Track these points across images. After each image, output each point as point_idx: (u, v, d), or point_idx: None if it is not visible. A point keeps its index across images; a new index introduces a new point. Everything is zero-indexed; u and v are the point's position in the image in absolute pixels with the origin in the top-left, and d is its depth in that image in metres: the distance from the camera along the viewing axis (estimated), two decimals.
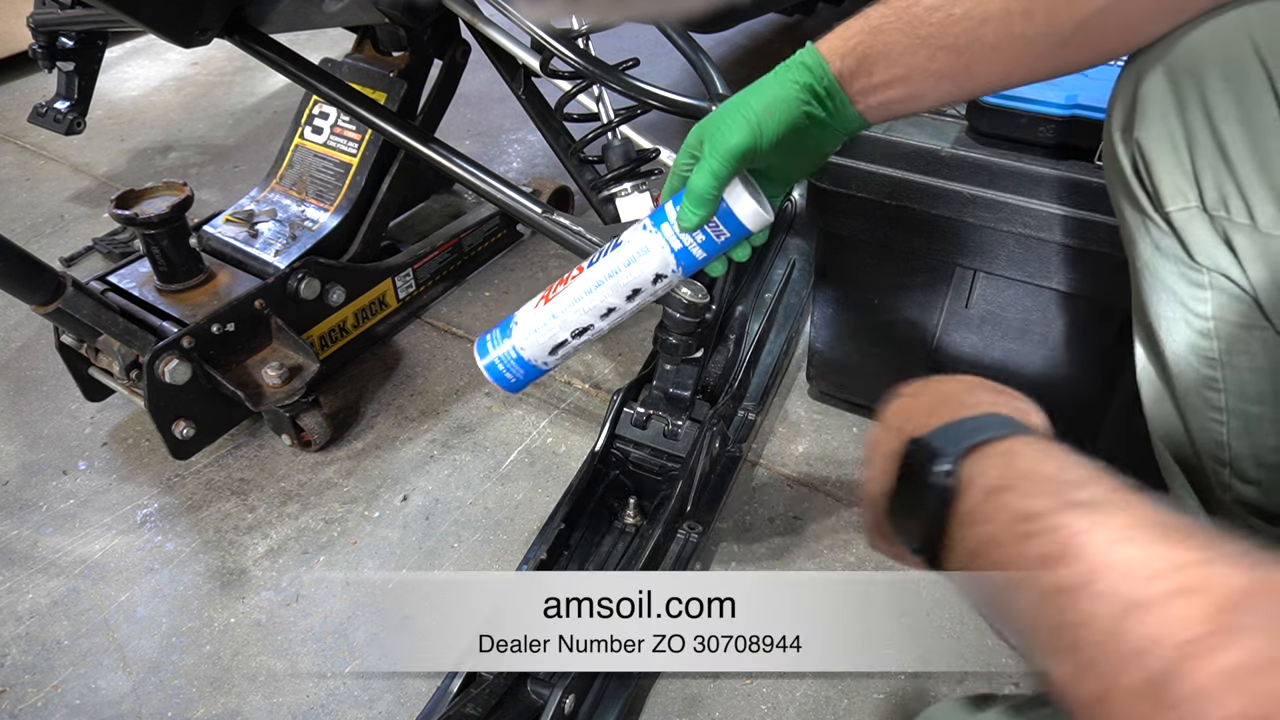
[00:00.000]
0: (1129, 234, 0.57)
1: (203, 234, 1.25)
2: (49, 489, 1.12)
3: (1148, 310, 0.59)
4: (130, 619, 0.95)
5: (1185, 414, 0.59)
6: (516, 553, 1.01)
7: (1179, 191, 0.51)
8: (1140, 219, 0.55)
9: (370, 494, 1.09)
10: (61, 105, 1.33)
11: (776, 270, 1.28)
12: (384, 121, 0.92)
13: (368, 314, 1.30)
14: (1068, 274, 0.87)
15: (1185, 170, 0.50)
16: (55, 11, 1.13)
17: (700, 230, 0.60)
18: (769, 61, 0.60)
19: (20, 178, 1.85)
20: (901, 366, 1.05)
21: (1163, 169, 0.51)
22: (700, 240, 0.61)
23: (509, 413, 1.21)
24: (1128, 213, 0.56)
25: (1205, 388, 0.56)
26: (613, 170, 0.84)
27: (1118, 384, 0.93)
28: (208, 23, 0.84)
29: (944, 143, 0.87)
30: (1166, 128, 0.51)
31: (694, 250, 0.61)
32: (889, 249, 0.96)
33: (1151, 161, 0.52)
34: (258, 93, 2.19)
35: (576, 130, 0.90)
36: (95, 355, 1.12)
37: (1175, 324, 0.56)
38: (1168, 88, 0.50)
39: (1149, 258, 0.56)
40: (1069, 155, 0.83)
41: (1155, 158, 0.51)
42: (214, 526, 1.06)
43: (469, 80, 1.33)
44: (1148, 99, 0.51)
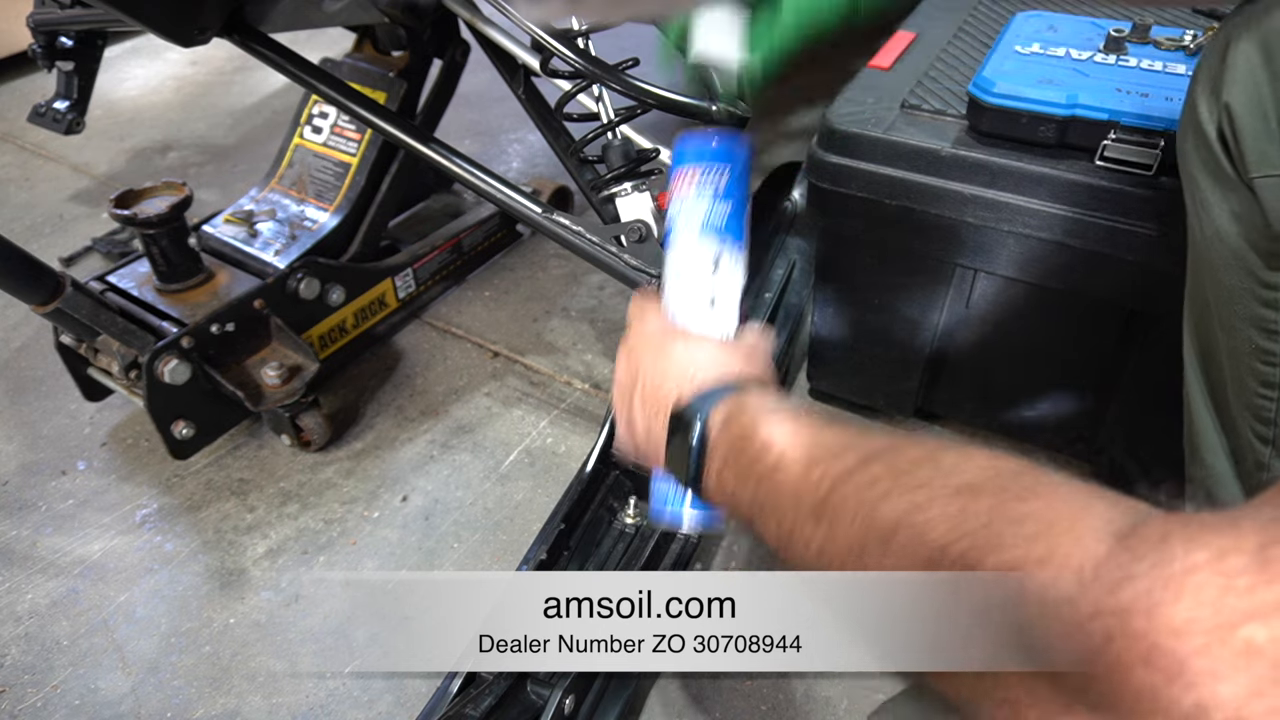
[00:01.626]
0: (1202, 199, 0.56)
1: (202, 234, 1.24)
2: (48, 489, 1.12)
3: (1207, 280, 0.58)
4: (129, 619, 0.95)
5: (1232, 388, 0.58)
6: (516, 553, 1.01)
7: (1265, 158, 0.50)
8: (1218, 185, 0.54)
9: (370, 494, 1.09)
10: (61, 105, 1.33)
11: (776, 270, 1.28)
12: (384, 121, 0.91)
13: (367, 314, 1.29)
14: (1068, 274, 0.87)
15: (1273, 137, 0.50)
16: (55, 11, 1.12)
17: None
18: None
19: (19, 177, 1.85)
20: (901, 366, 1.05)
21: (1250, 134, 0.51)
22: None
23: (509, 413, 1.20)
24: (1202, 178, 0.55)
25: (1259, 360, 0.55)
26: (613, 170, 0.84)
27: (1118, 384, 0.93)
28: (207, 22, 0.84)
29: (944, 143, 0.87)
30: (1257, 94, 0.50)
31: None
32: (889, 249, 0.96)
33: (1239, 126, 0.51)
34: (257, 92, 2.19)
35: (576, 130, 0.90)
36: (94, 355, 1.12)
37: (1238, 294, 0.55)
38: (1260, 55, 0.50)
39: (1222, 224, 0.55)
40: (1069, 155, 0.83)
41: (1243, 123, 0.51)
42: (213, 527, 1.06)
43: (469, 80, 1.33)
44: (1238, 64, 0.51)
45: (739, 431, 0.47)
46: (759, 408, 0.48)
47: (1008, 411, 1.05)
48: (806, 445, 0.43)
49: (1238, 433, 0.59)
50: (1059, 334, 0.95)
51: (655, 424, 0.55)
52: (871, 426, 0.43)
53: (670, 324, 0.60)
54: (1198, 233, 0.58)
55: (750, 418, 0.47)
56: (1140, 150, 0.78)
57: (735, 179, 0.61)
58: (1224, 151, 0.53)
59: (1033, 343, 0.97)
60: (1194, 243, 0.59)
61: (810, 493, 0.40)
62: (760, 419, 0.47)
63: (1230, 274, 0.55)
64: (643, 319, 0.62)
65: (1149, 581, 0.25)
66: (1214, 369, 0.62)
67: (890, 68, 1.02)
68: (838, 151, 0.92)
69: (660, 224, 0.84)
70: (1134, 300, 0.86)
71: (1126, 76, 0.85)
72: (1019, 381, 1.02)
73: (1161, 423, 0.90)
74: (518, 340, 1.34)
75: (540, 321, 1.38)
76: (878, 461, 0.39)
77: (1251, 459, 0.58)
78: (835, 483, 0.39)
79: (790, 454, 0.43)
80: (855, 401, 1.16)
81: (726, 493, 0.48)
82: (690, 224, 0.61)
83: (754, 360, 0.58)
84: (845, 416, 1.16)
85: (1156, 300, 0.84)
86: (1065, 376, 0.98)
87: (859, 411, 1.17)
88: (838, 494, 0.39)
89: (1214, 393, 0.62)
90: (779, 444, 0.44)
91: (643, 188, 0.84)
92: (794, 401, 0.50)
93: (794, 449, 0.43)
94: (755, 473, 0.45)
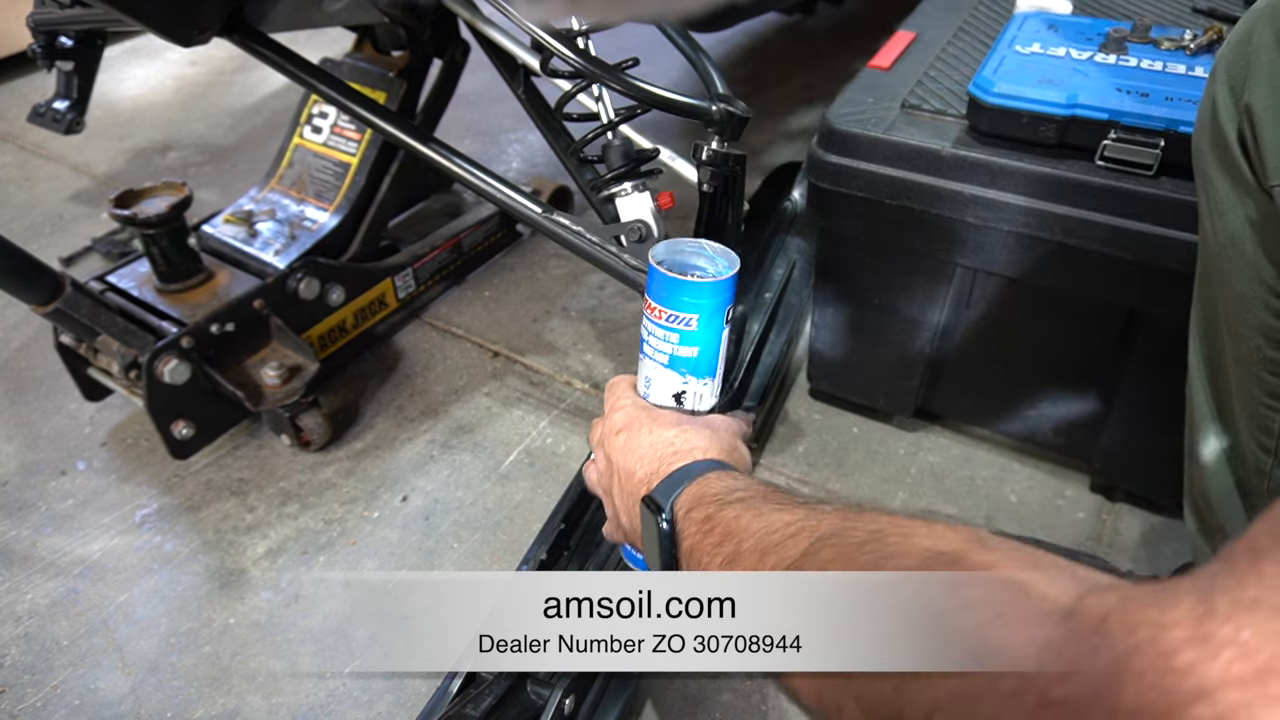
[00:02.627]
0: (1217, 203, 0.55)
1: (202, 234, 1.24)
2: (48, 489, 1.11)
3: (1216, 285, 0.57)
4: (129, 619, 0.95)
5: (1237, 395, 0.57)
6: (516, 553, 1.00)
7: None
8: (1236, 190, 0.53)
9: (370, 494, 1.09)
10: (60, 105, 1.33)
11: (776, 270, 1.28)
12: (383, 121, 0.91)
13: (367, 314, 1.29)
14: (1068, 274, 0.87)
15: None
16: (55, 11, 1.12)
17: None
18: (769, 61, 0.60)
19: (19, 177, 1.85)
20: (901, 366, 1.05)
21: (1272, 140, 0.49)
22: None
23: (509, 413, 1.20)
24: (1219, 180, 0.54)
25: (1266, 370, 0.54)
26: (613, 170, 0.84)
27: (1118, 384, 0.93)
28: (207, 22, 0.84)
29: (944, 143, 0.87)
30: (1277, 98, 0.48)
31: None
32: (889, 249, 0.96)
33: (1261, 130, 0.49)
34: (257, 92, 2.19)
35: (576, 130, 0.90)
36: (94, 355, 1.12)
37: (1249, 301, 0.54)
38: (1277, 51, 0.48)
39: (1237, 229, 0.53)
40: (1069, 155, 0.83)
41: (1265, 127, 0.49)
42: (213, 527, 1.06)
43: (469, 80, 1.33)
44: (1260, 63, 0.49)
45: (701, 518, 0.49)
46: (718, 495, 0.50)
47: (1007, 411, 1.05)
48: (760, 534, 0.44)
49: (1239, 438, 0.59)
50: (1059, 334, 0.95)
51: (632, 513, 0.57)
52: (823, 501, 0.46)
53: (640, 407, 0.62)
54: (1210, 235, 0.57)
55: (711, 507, 0.49)
56: (1140, 150, 0.78)
57: (707, 321, 0.59)
58: (1243, 155, 0.51)
59: (1032, 343, 0.97)
60: (1205, 245, 0.58)
61: None
62: (719, 509, 0.49)
63: (1242, 280, 0.54)
64: (615, 402, 0.63)
65: (1092, 669, 0.25)
66: (1218, 374, 0.61)
67: (890, 68, 1.02)
68: (838, 151, 0.92)
69: (660, 224, 0.84)
70: (1134, 300, 0.86)
71: (1126, 76, 0.85)
72: (1018, 381, 1.02)
73: (1161, 423, 0.90)
74: (518, 340, 1.34)
75: (540, 321, 1.38)
76: (826, 546, 0.40)
77: (1252, 465, 0.58)
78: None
79: (746, 544, 0.45)
80: (855, 401, 1.16)
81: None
82: (657, 354, 0.61)
83: (723, 439, 0.59)
84: (835, 422, 1.17)
85: (1156, 300, 0.83)
86: (1065, 376, 0.98)
87: (859, 412, 1.17)
88: None
89: (1217, 397, 0.62)
90: (736, 533, 0.46)
91: (643, 188, 0.84)
92: (754, 480, 0.52)
93: (749, 538, 0.45)
94: (717, 562, 0.47)
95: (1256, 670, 0.21)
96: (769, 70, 2.12)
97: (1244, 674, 0.21)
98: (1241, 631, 0.22)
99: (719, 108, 0.79)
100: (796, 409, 1.19)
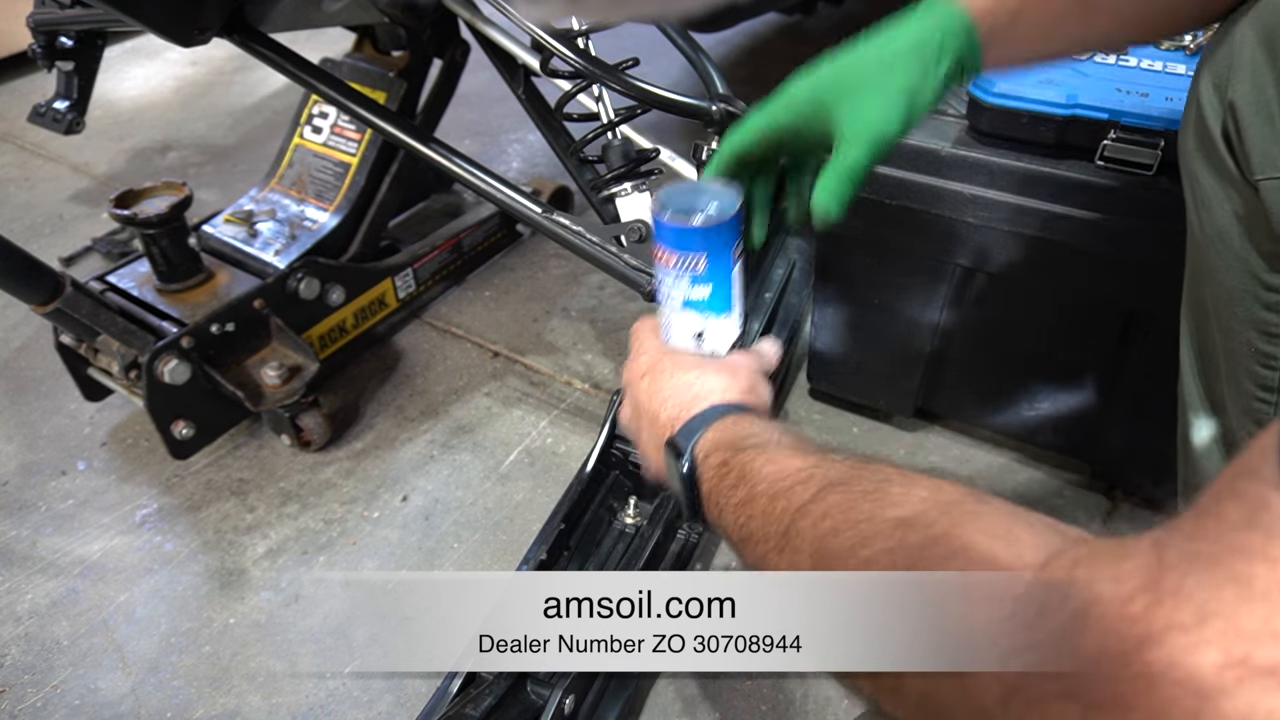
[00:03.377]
0: (1203, 198, 0.55)
1: (202, 234, 1.24)
2: (48, 489, 1.12)
3: (1206, 281, 0.57)
4: (129, 619, 0.95)
5: (1229, 391, 0.57)
6: (516, 553, 1.01)
7: (1270, 160, 0.49)
8: (1222, 185, 0.53)
9: (370, 494, 1.09)
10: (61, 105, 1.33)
11: (776, 270, 1.28)
12: (384, 121, 0.91)
13: (367, 314, 1.29)
14: (1067, 274, 0.87)
15: (1279, 138, 0.48)
16: (55, 11, 1.12)
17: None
18: (769, 61, 0.60)
19: (19, 177, 1.85)
20: (901, 366, 1.05)
21: (1256, 134, 0.49)
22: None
23: (509, 413, 1.21)
24: (1204, 177, 0.54)
25: (1258, 364, 0.54)
26: (613, 170, 0.84)
27: (1118, 384, 0.93)
28: (207, 22, 0.84)
29: (944, 143, 0.87)
30: (1261, 93, 0.48)
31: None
32: (889, 249, 0.96)
33: (1244, 125, 0.49)
34: (257, 92, 2.19)
35: (576, 130, 0.90)
36: (94, 355, 1.12)
37: (1239, 295, 0.54)
38: (1264, 52, 0.48)
39: (1224, 224, 0.53)
40: (1069, 155, 0.83)
41: (1248, 122, 0.49)
42: (213, 527, 1.06)
43: (469, 80, 1.33)
44: (1243, 60, 0.49)
45: (718, 463, 0.50)
46: (736, 439, 0.51)
47: (1007, 411, 1.05)
48: (772, 478, 0.45)
49: (1233, 435, 0.59)
50: (1058, 334, 0.95)
51: (658, 454, 0.58)
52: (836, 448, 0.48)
53: (662, 350, 0.63)
54: (1198, 232, 0.57)
55: (727, 452, 0.50)
56: (1140, 150, 0.78)
57: (715, 261, 0.59)
58: (1228, 151, 0.51)
59: (1032, 343, 0.97)
60: (1193, 242, 0.59)
61: (775, 525, 0.43)
62: (734, 454, 0.50)
63: (1231, 275, 0.54)
64: (639, 346, 0.64)
65: (1060, 615, 0.28)
66: (1210, 370, 0.61)
67: None
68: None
69: None
70: (1134, 300, 0.86)
71: (1126, 76, 0.85)
72: (1018, 381, 1.02)
73: (1159, 423, 0.90)
74: (518, 340, 1.34)
75: (540, 321, 1.38)
76: (834, 491, 0.41)
77: None
78: (794, 517, 0.42)
79: (759, 487, 0.46)
80: (855, 401, 1.16)
81: (715, 520, 0.51)
82: (672, 299, 0.61)
83: (741, 380, 0.60)
84: (835, 422, 1.17)
85: (1156, 300, 0.83)
86: (1064, 376, 0.98)
87: (859, 412, 1.17)
88: (795, 528, 0.41)
89: (1210, 394, 0.62)
90: (750, 476, 0.47)
91: (643, 188, 0.84)
92: (770, 424, 0.53)
93: (762, 482, 0.46)
94: (733, 504, 0.48)
95: (1196, 614, 0.24)
96: (769, 70, 2.12)
97: (1185, 619, 0.25)
98: (1185, 580, 0.25)
99: (719, 108, 0.79)
100: (796, 409, 1.19)
